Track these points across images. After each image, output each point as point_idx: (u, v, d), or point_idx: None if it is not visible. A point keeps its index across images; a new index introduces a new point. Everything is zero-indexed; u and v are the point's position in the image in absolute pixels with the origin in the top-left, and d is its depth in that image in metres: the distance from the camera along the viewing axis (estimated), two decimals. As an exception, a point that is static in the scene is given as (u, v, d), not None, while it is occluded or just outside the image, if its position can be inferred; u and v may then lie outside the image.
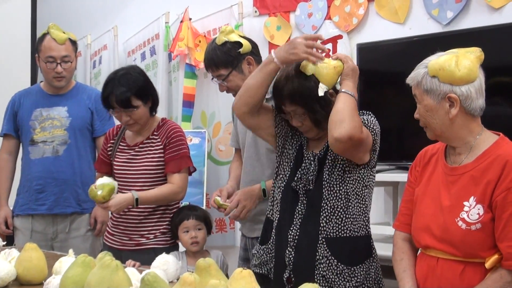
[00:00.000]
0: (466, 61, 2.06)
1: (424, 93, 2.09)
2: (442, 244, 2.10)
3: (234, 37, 2.85)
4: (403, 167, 3.36)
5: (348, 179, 2.33)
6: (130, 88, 2.95)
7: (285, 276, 2.37)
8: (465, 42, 2.25)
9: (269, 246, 2.48)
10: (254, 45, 2.92)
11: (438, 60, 2.08)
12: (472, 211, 2.04)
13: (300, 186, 2.38)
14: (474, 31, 3.18)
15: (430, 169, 2.25)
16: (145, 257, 2.80)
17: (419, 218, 2.20)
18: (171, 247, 3.07)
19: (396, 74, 3.46)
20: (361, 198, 2.35)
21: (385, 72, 3.53)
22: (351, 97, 2.26)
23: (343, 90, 2.27)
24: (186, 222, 3.14)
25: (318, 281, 2.29)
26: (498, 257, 2.02)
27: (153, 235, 3.06)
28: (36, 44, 3.72)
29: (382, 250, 2.47)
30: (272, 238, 2.47)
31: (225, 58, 2.83)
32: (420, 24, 3.52)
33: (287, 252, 2.36)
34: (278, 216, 2.45)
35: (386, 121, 3.31)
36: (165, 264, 2.41)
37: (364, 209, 2.37)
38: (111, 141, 3.19)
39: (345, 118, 2.18)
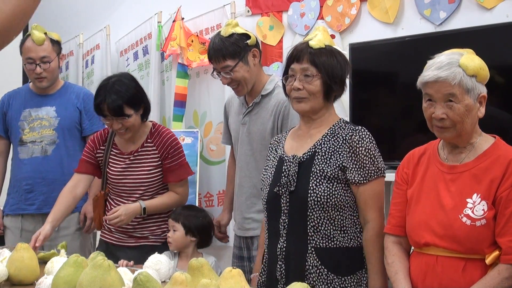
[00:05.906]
0: None
1: (465, 92, 2.09)
2: (444, 241, 2.11)
3: (240, 30, 2.89)
4: (395, 167, 3.33)
5: (340, 190, 2.29)
6: (122, 97, 2.94)
7: None
8: (457, 42, 2.26)
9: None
10: (257, 39, 2.95)
11: (472, 59, 2.09)
12: (477, 207, 2.07)
13: (282, 190, 2.34)
14: (466, 31, 3.18)
15: (422, 169, 2.26)
16: (143, 255, 2.81)
17: (416, 217, 2.21)
18: (164, 244, 3.09)
19: (388, 74, 3.46)
20: (354, 211, 2.33)
21: (378, 72, 3.53)
22: None
23: None
24: (169, 220, 3.15)
25: None
26: (499, 253, 2.05)
27: (151, 234, 3.10)
28: (20, 46, 3.68)
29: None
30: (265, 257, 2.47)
31: (233, 49, 2.84)
32: (413, 24, 3.52)
33: (278, 266, 2.34)
34: (267, 226, 2.44)
35: (378, 121, 3.29)
36: (157, 264, 2.41)
37: (357, 220, 2.35)
38: (101, 147, 3.17)
39: None
